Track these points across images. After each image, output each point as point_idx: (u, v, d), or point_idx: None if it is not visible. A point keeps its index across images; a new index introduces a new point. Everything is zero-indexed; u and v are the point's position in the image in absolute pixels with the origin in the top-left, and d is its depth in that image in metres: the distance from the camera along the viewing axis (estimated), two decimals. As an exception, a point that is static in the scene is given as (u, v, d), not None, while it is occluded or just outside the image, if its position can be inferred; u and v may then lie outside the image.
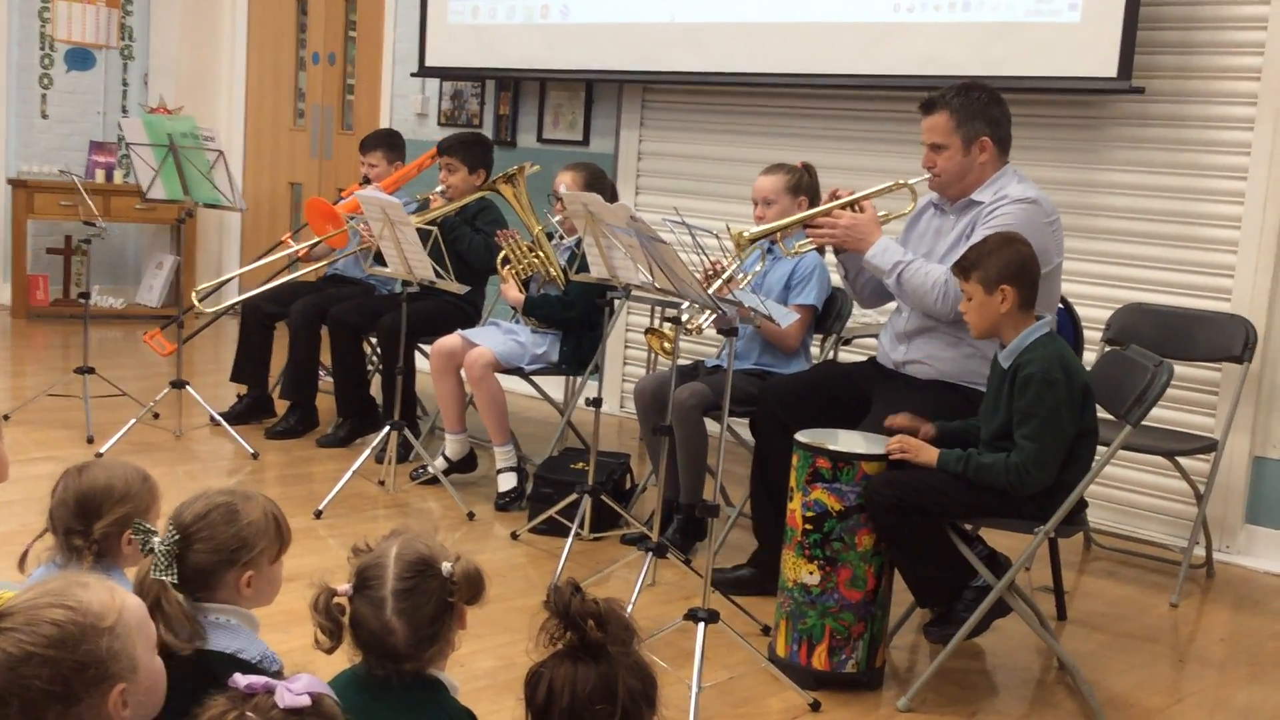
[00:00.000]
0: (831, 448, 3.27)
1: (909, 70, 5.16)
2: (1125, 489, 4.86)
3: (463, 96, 7.03)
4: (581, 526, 4.19)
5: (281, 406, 5.57)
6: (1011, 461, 3.14)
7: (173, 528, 1.98)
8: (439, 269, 4.44)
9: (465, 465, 4.97)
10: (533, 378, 4.94)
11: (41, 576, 2.14)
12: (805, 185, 4.25)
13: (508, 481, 4.74)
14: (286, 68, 8.26)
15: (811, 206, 4.02)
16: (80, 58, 8.25)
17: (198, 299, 5.39)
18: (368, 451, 4.75)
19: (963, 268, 3.24)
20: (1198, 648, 3.94)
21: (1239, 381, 4.44)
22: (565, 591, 1.69)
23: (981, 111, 3.64)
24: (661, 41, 5.93)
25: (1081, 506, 3.31)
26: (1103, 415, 3.33)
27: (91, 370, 5.37)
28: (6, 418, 5.30)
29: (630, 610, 1.76)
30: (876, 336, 4.01)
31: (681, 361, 4.16)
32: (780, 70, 5.59)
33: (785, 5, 5.53)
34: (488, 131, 6.76)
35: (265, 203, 8.34)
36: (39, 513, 2.29)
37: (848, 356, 4.78)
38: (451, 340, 4.81)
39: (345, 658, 1.93)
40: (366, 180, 5.71)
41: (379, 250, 4.66)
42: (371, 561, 1.90)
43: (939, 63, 5.04)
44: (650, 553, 3.65)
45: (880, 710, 3.25)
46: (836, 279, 4.23)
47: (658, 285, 3.50)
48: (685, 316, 3.80)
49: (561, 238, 4.92)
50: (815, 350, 4.52)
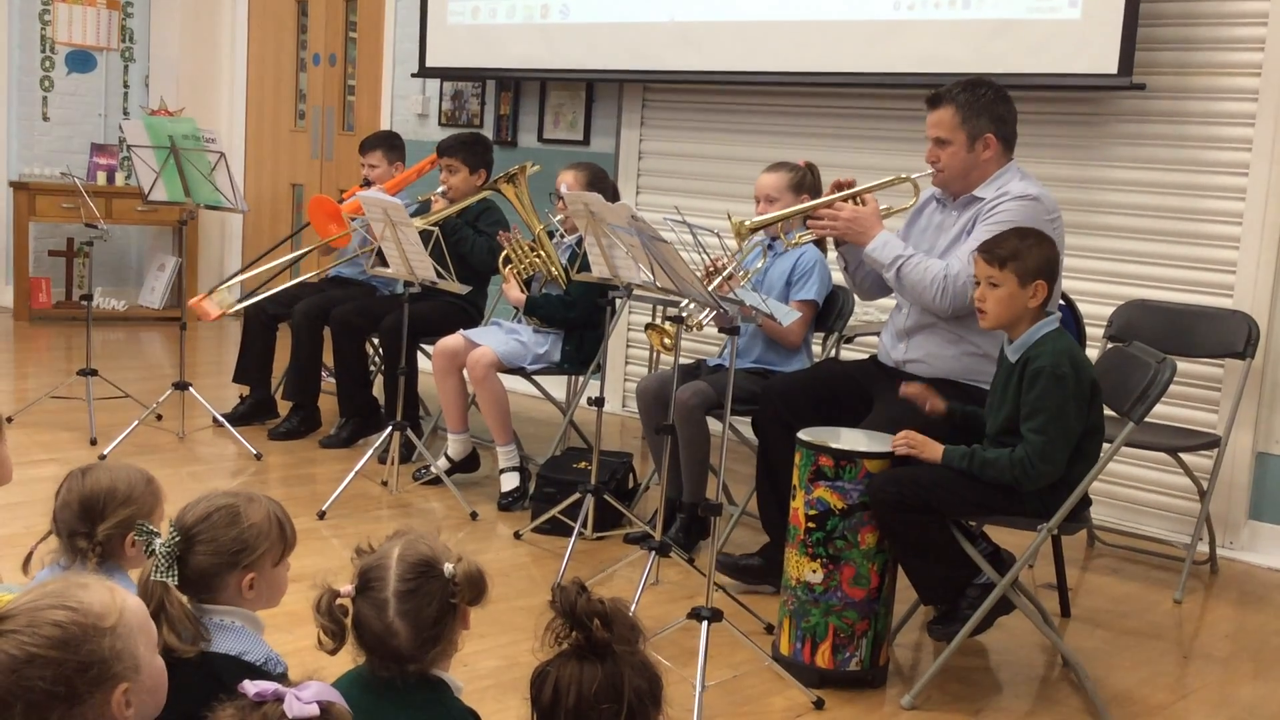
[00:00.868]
0: (834, 446, 3.27)
1: (909, 68, 5.16)
2: (1128, 486, 4.86)
3: (463, 97, 7.03)
4: (584, 526, 4.20)
5: (284, 407, 5.58)
6: (1017, 456, 3.13)
7: (174, 529, 1.98)
8: (440, 269, 4.44)
9: (468, 465, 4.97)
10: (535, 377, 4.94)
11: (45, 579, 2.14)
12: (808, 184, 4.24)
13: (510, 481, 4.74)
14: (287, 69, 8.26)
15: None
16: (81, 60, 8.26)
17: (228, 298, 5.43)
18: (370, 452, 4.76)
19: (998, 256, 3.18)
20: (1202, 644, 3.93)
21: (1241, 377, 4.44)
22: (571, 591, 1.69)
23: (987, 108, 3.63)
24: (662, 41, 5.93)
25: (1085, 503, 3.31)
26: (1106, 412, 3.33)
27: (94, 372, 5.37)
28: (10, 420, 5.31)
29: (633, 609, 1.76)
30: (878, 334, 4.01)
31: (683, 360, 4.16)
32: (781, 69, 5.59)
33: (785, 4, 5.53)
34: (488, 132, 6.76)
35: (267, 204, 8.35)
36: (43, 515, 2.29)
37: (849, 354, 4.78)
38: (454, 340, 4.81)
39: (349, 658, 1.93)
40: (367, 182, 5.71)
41: (380, 250, 4.66)
42: (374, 563, 1.90)
43: (939, 60, 5.04)
44: (653, 552, 3.65)
45: (884, 708, 3.25)
46: (837, 276, 4.23)
47: (659, 284, 3.50)
48: (686, 315, 3.80)
49: (563, 237, 4.92)
50: (817, 349, 4.51)
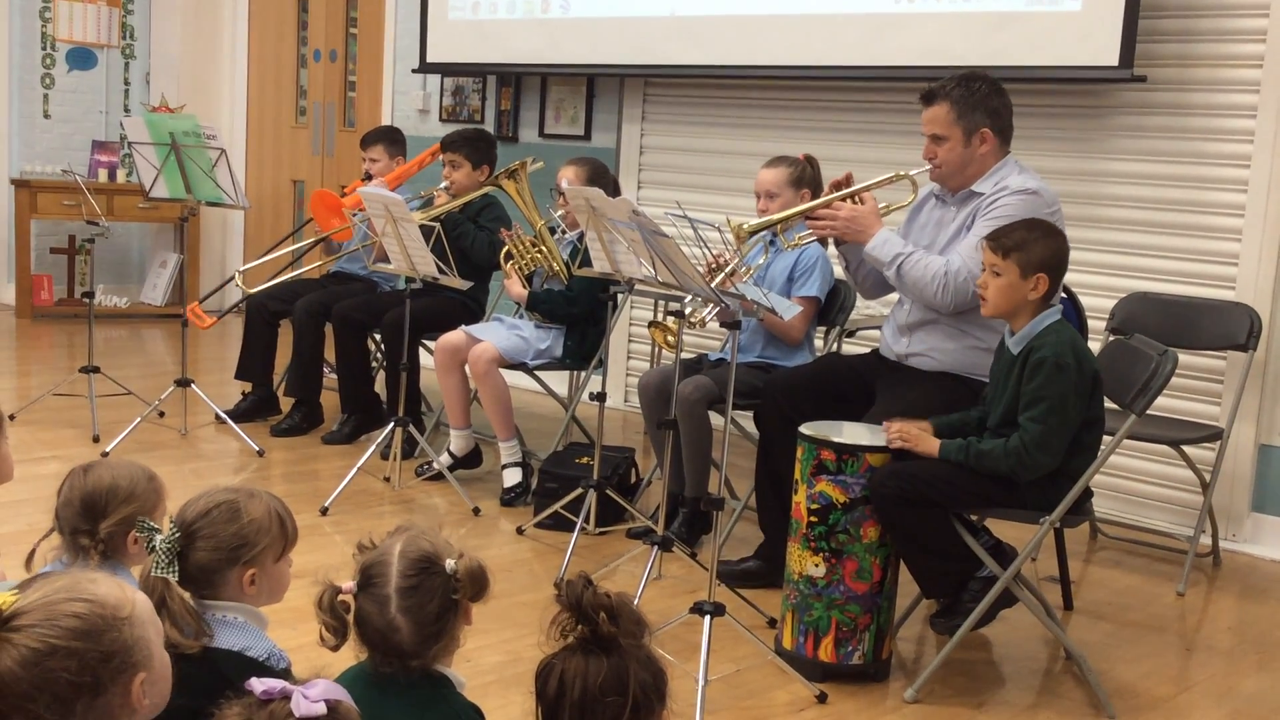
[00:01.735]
0: (836, 440, 3.27)
1: (910, 61, 5.15)
2: (1131, 478, 4.86)
3: (464, 92, 7.03)
4: (587, 521, 4.20)
5: (286, 404, 5.58)
6: (1012, 445, 3.13)
7: (175, 526, 1.98)
8: (442, 265, 4.44)
9: (470, 461, 4.97)
10: (537, 373, 4.94)
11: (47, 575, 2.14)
12: (808, 178, 4.24)
13: (513, 477, 4.74)
14: (288, 65, 8.26)
15: (814, 198, 4.02)
16: (82, 57, 8.25)
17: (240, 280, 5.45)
18: (373, 448, 4.76)
19: (1004, 245, 3.20)
20: (1204, 636, 3.93)
21: (1244, 369, 4.44)
22: (577, 584, 1.69)
23: (982, 102, 3.63)
24: (662, 35, 5.93)
25: (1087, 496, 3.31)
26: (1108, 405, 3.32)
27: (96, 369, 5.37)
28: (12, 418, 5.30)
29: (636, 604, 1.76)
30: (879, 328, 4.01)
31: (685, 355, 4.16)
32: (782, 63, 5.58)
33: (786, -3, 5.52)
34: (489, 127, 6.75)
35: (268, 200, 8.35)
36: (45, 512, 2.29)
37: (851, 349, 4.77)
38: (455, 336, 4.81)
39: (352, 654, 1.93)
40: (369, 176, 5.71)
41: (382, 246, 4.66)
42: (375, 559, 1.90)
43: (940, 53, 5.03)
44: (656, 546, 3.66)
45: (887, 702, 3.25)
46: (839, 271, 4.23)
47: (660, 279, 3.50)
48: (688, 310, 3.80)
49: (564, 232, 4.92)
50: (819, 343, 4.52)
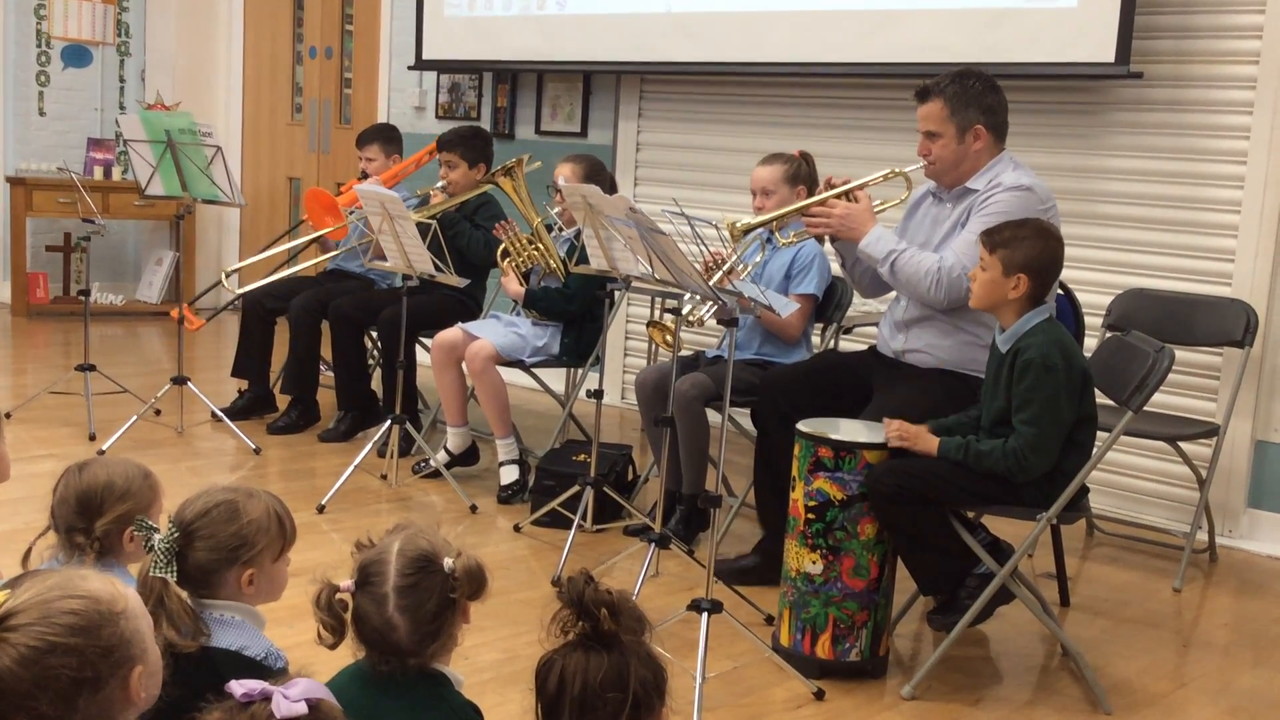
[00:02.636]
0: (833, 437, 3.27)
1: (906, 58, 5.15)
2: (1127, 474, 4.86)
3: (460, 89, 7.02)
4: (584, 518, 4.20)
5: (283, 402, 5.57)
6: (1009, 447, 3.14)
7: (173, 525, 1.98)
8: (438, 262, 4.44)
9: (467, 458, 4.97)
10: (534, 370, 4.94)
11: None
12: (803, 174, 4.24)
13: (510, 474, 4.74)
14: (283, 62, 8.25)
15: (809, 195, 4.02)
16: (77, 55, 8.24)
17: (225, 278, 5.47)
18: (370, 446, 4.75)
19: (993, 241, 3.22)
20: (1201, 632, 3.94)
21: (1240, 366, 4.44)
22: (579, 581, 1.69)
23: (976, 99, 3.64)
24: (658, 32, 5.92)
25: (1083, 492, 3.32)
26: (1104, 401, 3.33)
27: (92, 367, 5.37)
28: (8, 416, 5.30)
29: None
30: (876, 325, 4.01)
31: (682, 352, 4.16)
32: (778, 59, 5.58)
33: (782, -6, 5.52)
34: (485, 124, 6.75)
35: (264, 198, 8.34)
36: (41, 510, 2.29)
37: (848, 345, 4.77)
38: (452, 333, 4.81)
39: (349, 653, 1.93)
40: (365, 175, 5.71)
41: (378, 243, 4.66)
42: (373, 557, 1.90)
43: (936, 49, 5.03)
44: (653, 544, 3.65)
45: (884, 698, 3.26)
46: (837, 268, 4.23)
47: (657, 276, 3.50)
48: (686, 309, 3.80)
49: (561, 230, 4.92)
50: (816, 339, 4.51)
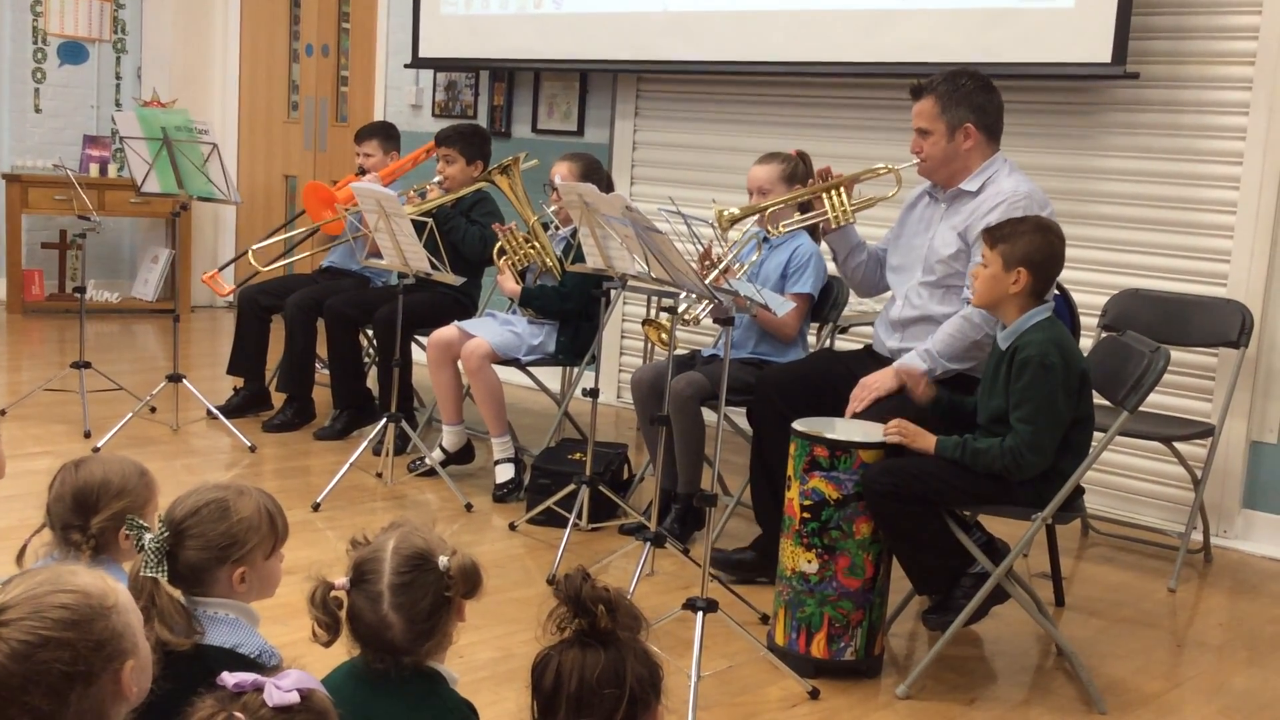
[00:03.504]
0: (829, 436, 3.27)
1: (903, 57, 5.15)
2: (1123, 475, 4.87)
3: (457, 87, 7.02)
4: (579, 517, 4.20)
5: (278, 399, 5.57)
6: (1007, 445, 3.14)
7: (164, 525, 1.97)
8: (434, 260, 4.44)
9: (463, 456, 4.97)
10: (529, 369, 4.93)
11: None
12: (800, 174, 4.24)
13: (505, 472, 4.74)
14: (280, 60, 8.24)
15: (810, 214, 4.03)
16: (73, 51, 8.22)
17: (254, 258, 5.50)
18: (365, 444, 4.75)
19: (995, 236, 3.24)
20: (1196, 632, 3.94)
21: (1235, 366, 4.44)
22: (576, 578, 1.69)
23: (966, 98, 3.65)
24: (655, 30, 5.92)
25: (1079, 493, 3.32)
26: (1100, 401, 3.33)
27: (88, 365, 5.36)
28: (3, 413, 5.30)
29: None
30: (872, 324, 4.01)
31: (678, 351, 4.15)
32: (774, 58, 5.58)
33: (779, -7, 5.52)
34: (482, 122, 6.75)
35: (260, 195, 8.33)
36: (37, 507, 2.29)
37: (844, 345, 4.77)
38: (448, 331, 4.81)
39: (344, 650, 1.93)
40: (362, 171, 5.70)
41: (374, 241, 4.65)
42: (368, 555, 1.90)
43: (933, 49, 5.03)
44: (648, 542, 3.66)
45: (879, 698, 3.26)
46: (833, 267, 4.23)
47: (654, 275, 3.50)
48: (682, 308, 3.80)
49: (557, 228, 4.92)
50: (812, 339, 4.51)
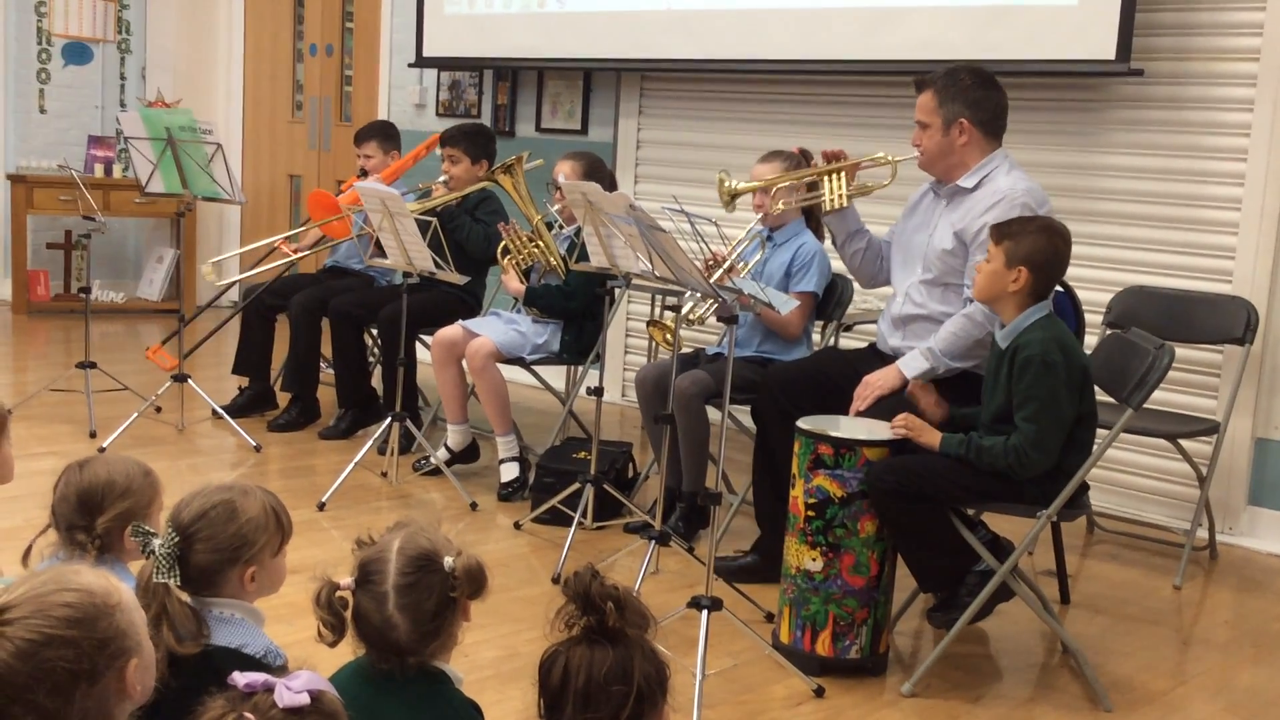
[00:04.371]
0: (833, 434, 3.27)
1: (906, 55, 5.15)
2: (1127, 472, 4.86)
3: (460, 87, 7.02)
4: (584, 516, 4.20)
5: (283, 399, 5.58)
6: (1011, 444, 3.14)
7: (172, 529, 1.97)
8: (439, 259, 4.44)
9: (467, 455, 4.97)
10: (534, 367, 4.94)
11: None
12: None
13: (510, 471, 4.74)
14: (284, 60, 8.24)
15: (808, 193, 4.03)
16: (77, 52, 8.23)
17: (210, 273, 5.48)
18: (370, 443, 4.75)
19: (1001, 233, 3.24)
20: (1201, 630, 3.94)
21: (1240, 363, 4.44)
22: (585, 575, 1.69)
23: (963, 94, 3.66)
24: (659, 29, 5.92)
25: (1083, 490, 3.32)
26: (1104, 398, 3.33)
27: (93, 365, 5.37)
28: (10, 412, 5.29)
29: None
30: (877, 322, 4.01)
31: (683, 350, 4.15)
32: (778, 56, 5.58)
33: (782, -9, 5.51)
34: (486, 121, 6.75)
35: (265, 195, 8.34)
36: (42, 508, 2.29)
37: (848, 343, 4.78)
38: (453, 330, 4.81)
39: (349, 649, 1.93)
40: (364, 173, 5.70)
41: (379, 240, 4.65)
42: (374, 556, 1.90)
43: (936, 47, 5.03)
44: (653, 541, 3.66)
45: (884, 696, 3.26)
46: (838, 265, 4.23)
47: (658, 274, 3.50)
48: (686, 308, 3.80)
49: (561, 227, 4.92)
50: (816, 337, 4.51)
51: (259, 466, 4.94)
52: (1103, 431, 3.32)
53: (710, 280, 3.46)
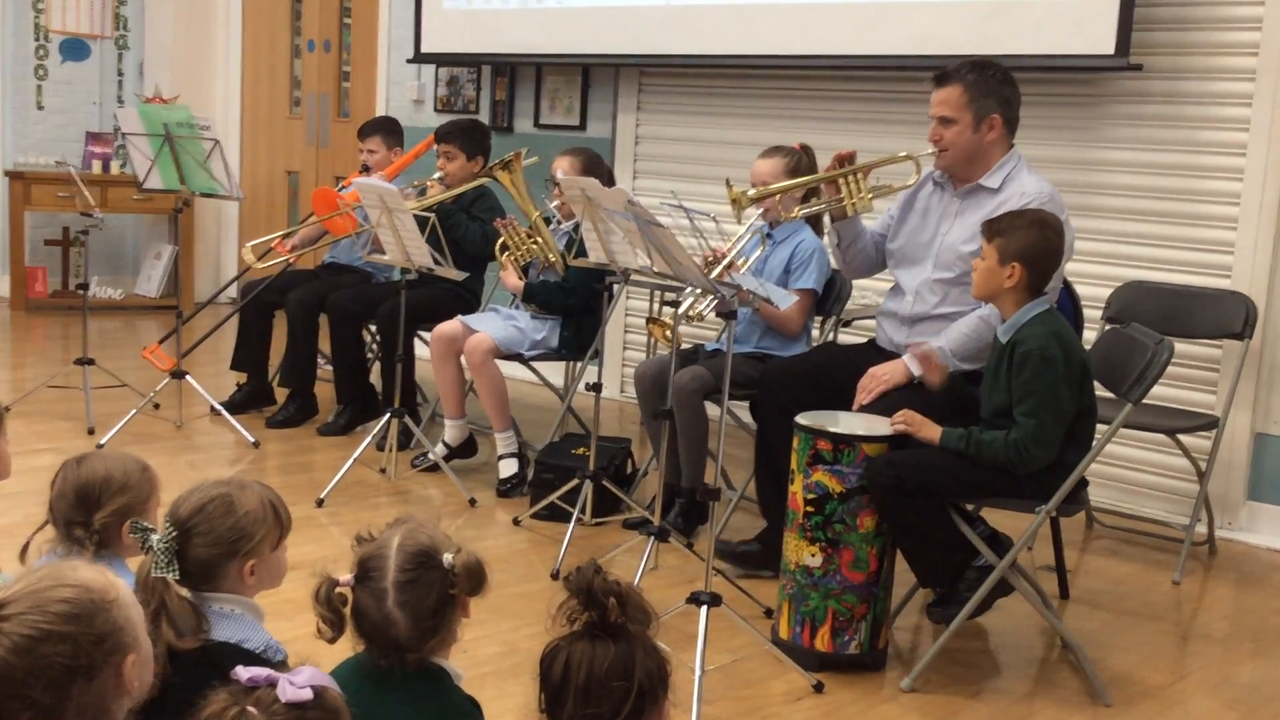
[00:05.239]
0: (832, 430, 3.26)
1: (905, 50, 5.15)
2: (1127, 467, 4.86)
3: (459, 82, 7.01)
4: (583, 512, 4.20)
5: (281, 395, 5.57)
6: (1011, 439, 3.14)
7: (170, 524, 1.97)
8: (437, 255, 4.43)
9: (466, 451, 4.97)
10: (533, 363, 4.94)
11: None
12: (803, 167, 4.23)
13: (509, 467, 4.74)
14: (282, 55, 8.23)
15: (816, 196, 4.02)
16: (75, 48, 8.22)
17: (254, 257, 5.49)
18: (368, 439, 4.75)
19: (993, 229, 3.24)
20: (1201, 625, 3.94)
21: (1240, 358, 4.44)
22: (587, 570, 1.68)
23: (995, 89, 3.63)
24: (657, 24, 5.92)
25: (1083, 485, 3.32)
26: (1104, 394, 3.33)
27: (91, 361, 5.36)
28: (7, 409, 5.29)
29: (634, 595, 1.75)
30: (875, 318, 4.00)
31: (681, 346, 4.15)
32: (777, 51, 5.57)
33: (781, -14, 5.51)
34: (484, 117, 6.74)
35: (263, 191, 8.33)
36: (40, 504, 2.29)
37: (847, 338, 4.77)
38: (451, 326, 4.80)
39: (349, 646, 1.93)
40: (366, 168, 5.70)
41: (377, 236, 4.65)
42: (373, 552, 1.89)
43: (935, 42, 5.02)
44: (652, 537, 3.65)
45: (883, 691, 3.26)
46: (835, 261, 4.22)
47: (656, 269, 3.50)
48: (685, 305, 3.80)
49: (559, 223, 4.91)
50: (815, 332, 4.51)
51: (257, 463, 4.94)
52: (1102, 426, 3.32)
53: (709, 276, 3.45)
